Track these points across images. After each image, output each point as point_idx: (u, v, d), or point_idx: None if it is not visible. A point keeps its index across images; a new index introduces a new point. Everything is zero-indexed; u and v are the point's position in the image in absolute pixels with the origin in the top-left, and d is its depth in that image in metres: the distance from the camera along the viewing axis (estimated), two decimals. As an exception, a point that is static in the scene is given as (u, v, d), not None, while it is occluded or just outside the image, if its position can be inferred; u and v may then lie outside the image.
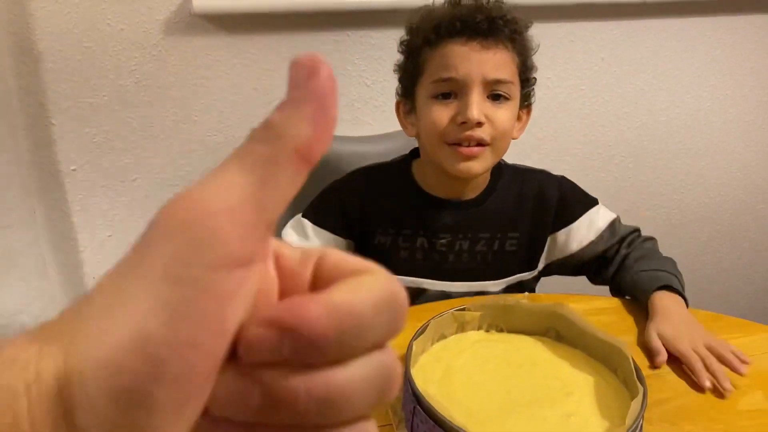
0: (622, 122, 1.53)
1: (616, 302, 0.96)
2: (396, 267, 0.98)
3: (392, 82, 1.30)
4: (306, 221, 0.98)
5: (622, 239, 1.01)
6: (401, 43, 0.95)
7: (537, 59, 1.36)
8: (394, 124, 1.30)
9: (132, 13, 1.10)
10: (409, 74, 0.93)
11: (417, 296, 0.99)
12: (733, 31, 1.52)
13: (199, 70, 1.17)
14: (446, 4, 0.92)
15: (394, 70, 0.98)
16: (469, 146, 0.87)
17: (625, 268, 0.99)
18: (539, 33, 1.35)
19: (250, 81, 1.21)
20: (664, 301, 0.89)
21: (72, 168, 1.18)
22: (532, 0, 1.29)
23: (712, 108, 1.59)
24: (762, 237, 1.83)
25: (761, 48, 1.57)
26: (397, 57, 1.01)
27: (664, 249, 1.72)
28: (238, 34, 1.17)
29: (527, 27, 0.93)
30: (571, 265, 1.03)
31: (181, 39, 1.14)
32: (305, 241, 0.98)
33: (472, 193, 0.98)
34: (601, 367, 0.75)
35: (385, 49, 1.26)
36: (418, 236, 0.97)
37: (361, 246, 1.00)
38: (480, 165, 0.90)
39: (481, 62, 0.85)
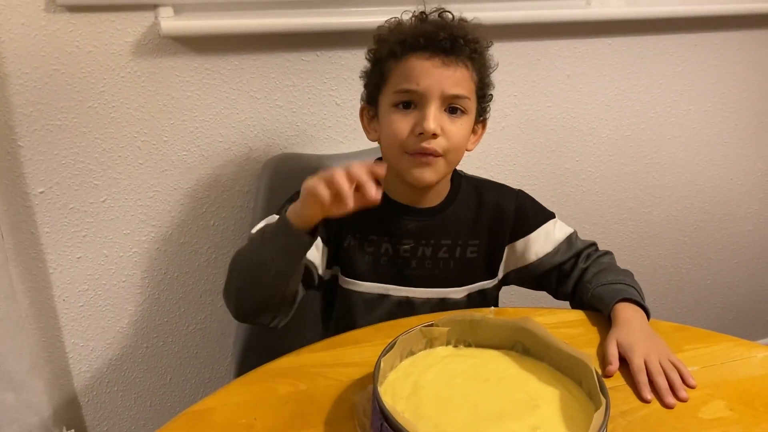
0: (588, 137, 1.56)
1: (580, 315, 0.98)
2: (362, 271, 1.01)
3: (362, 101, 1.31)
4: None
5: (579, 253, 1.04)
6: (369, 51, 1.00)
7: (504, 77, 1.39)
8: (364, 143, 1.31)
9: (100, 35, 1.11)
10: (374, 82, 0.98)
11: (381, 301, 1.01)
12: (694, 48, 1.57)
13: (169, 91, 1.17)
14: (413, 19, 0.97)
15: (360, 77, 1.02)
16: (424, 154, 0.92)
17: (584, 282, 1.01)
18: (506, 52, 1.39)
19: (219, 101, 1.21)
20: (626, 312, 0.91)
21: (40, 190, 1.17)
22: (499, 20, 1.31)
23: (675, 123, 1.63)
24: (727, 248, 1.87)
25: (722, 64, 1.61)
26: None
27: (632, 261, 1.75)
28: (207, 55, 1.18)
29: (488, 46, 0.98)
30: (529, 276, 1.06)
31: (150, 60, 1.14)
32: None
33: (433, 201, 1.01)
34: (567, 379, 0.76)
35: (354, 69, 1.26)
36: (382, 242, 1.00)
37: (335, 249, 1.01)
38: (433, 174, 0.94)
39: (441, 78, 0.91)
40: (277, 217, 0.94)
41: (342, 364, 0.84)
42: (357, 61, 1.26)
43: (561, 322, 0.95)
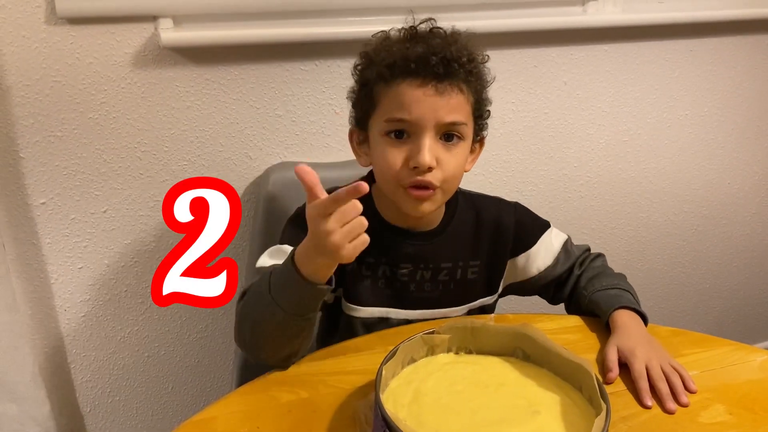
0: (586, 143, 1.57)
1: (579, 321, 0.98)
2: (360, 295, 0.98)
3: (360, 110, 1.32)
4: (288, 247, 0.90)
5: (575, 261, 1.04)
6: (355, 67, 0.95)
7: (501, 85, 1.39)
8: (363, 151, 1.31)
9: (101, 46, 1.11)
10: (363, 106, 0.93)
11: (381, 325, 0.99)
12: (690, 53, 1.58)
13: (169, 102, 1.18)
14: (402, 34, 0.91)
15: (347, 97, 0.98)
16: (419, 188, 0.88)
17: (580, 288, 1.01)
18: (503, 59, 1.40)
19: (219, 111, 1.22)
20: (624, 318, 0.92)
21: (42, 201, 1.17)
22: (496, 28, 1.32)
23: (672, 128, 1.64)
24: (725, 252, 1.88)
25: (717, 69, 1.62)
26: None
27: (631, 265, 1.76)
28: (206, 66, 1.18)
29: (483, 62, 0.92)
30: (529, 288, 1.06)
31: (150, 71, 1.15)
32: None
33: (431, 223, 0.99)
34: (567, 385, 0.76)
35: (352, 78, 1.28)
36: (380, 264, 0.97)
37: (339, 272, 0.95)
38: (431, 205, 0.91)
39: (435, 107, 0.85)
40: (284, 249, 0.90)
41: (344, 372, 0.85)
42: (355, 70, 1.28)
43: (560, 328, 0.96)
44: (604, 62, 1.50)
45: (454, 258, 0.99)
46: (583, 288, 1.00)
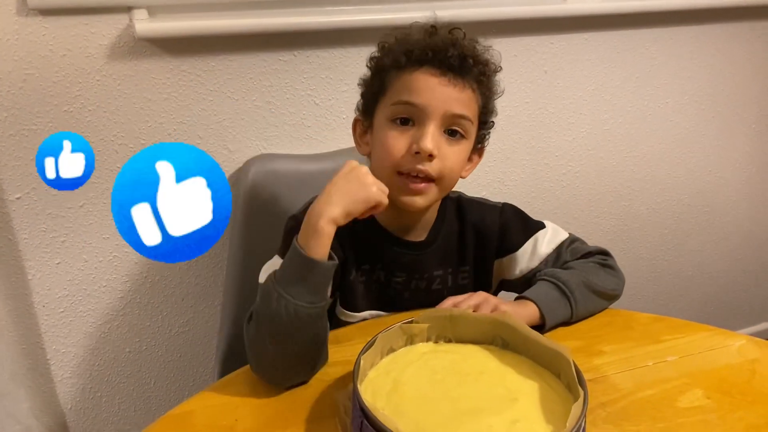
0: (567, 132, 1.57)
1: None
2: (356, 300, 0.98)
3: (341, 101, 1.31)
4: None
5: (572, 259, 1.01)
6: (371, 59, 0.95)
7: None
8: (343, 142, 1.31)
9: (75, 38, 1.10)
10: (373, 92, 0.93)
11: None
12: (670, 42, 1.58)
13: (145, 94, 1.17)
14: (422, 32, 0.92)
15: (358, 84, 0.98)
16: (417, 178, 0.88)
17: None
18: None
19: (196, 103, 1.21)
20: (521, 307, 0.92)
21: (17, 196, 1.16)
22: (476, 17, 1.32)
23: (653, 116, 1.65)
24: (707, 240, 1.89)
25: (697, 57, 1.63)
26: (345, 74, 1.01)
27: (614, 254, 1.75)
28: (183, 57, 1.17)
29: (496, 71, 0.94)
30: (519, 286, 1.02)
31: (126, 63, 1.14)
32: None
33: (422, 230, 0.99)
34: (546, 372, 0.77)
35: (332, 68, 1.27)
36: (375, 269, 0.98)
37: (339, 279, 0.96)
38: (424, 200, 0.90)
39: (445, 96, 0.86)
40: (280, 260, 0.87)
41: (323, 364, 0.84)
42: (334, 60, 1.27)
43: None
44: (585, 51, 1.50)
45: (444, 265, 1.00)
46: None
